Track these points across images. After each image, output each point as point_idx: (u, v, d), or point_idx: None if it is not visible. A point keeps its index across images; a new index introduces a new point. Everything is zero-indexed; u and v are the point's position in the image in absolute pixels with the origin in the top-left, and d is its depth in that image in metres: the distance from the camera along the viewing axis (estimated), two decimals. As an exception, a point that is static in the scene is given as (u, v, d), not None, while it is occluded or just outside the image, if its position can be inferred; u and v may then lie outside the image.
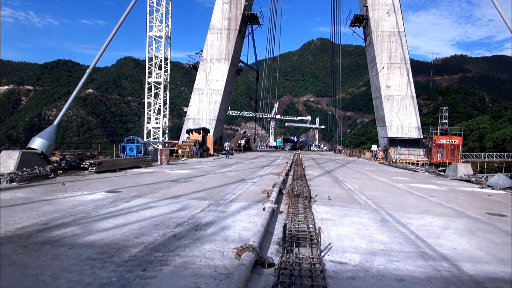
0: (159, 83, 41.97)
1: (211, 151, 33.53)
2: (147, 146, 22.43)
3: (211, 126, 38.88)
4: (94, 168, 13.81)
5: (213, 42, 40.13)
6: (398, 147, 39.07)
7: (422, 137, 39.90)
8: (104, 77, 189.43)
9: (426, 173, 22.58)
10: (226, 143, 30.82)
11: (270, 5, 62.55)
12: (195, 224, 5.96)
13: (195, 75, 42.29)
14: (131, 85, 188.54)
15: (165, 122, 43.49)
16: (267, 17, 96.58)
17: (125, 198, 8.32)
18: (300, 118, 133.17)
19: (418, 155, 39.33)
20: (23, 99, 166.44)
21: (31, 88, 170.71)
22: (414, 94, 39.52)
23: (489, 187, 14.78)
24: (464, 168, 19.77)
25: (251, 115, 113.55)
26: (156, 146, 34.19)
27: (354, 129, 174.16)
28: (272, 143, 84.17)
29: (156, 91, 42.26)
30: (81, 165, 14.76)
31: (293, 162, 21.62)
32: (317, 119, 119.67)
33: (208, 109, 39.89)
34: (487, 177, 17.23)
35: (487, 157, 54.62)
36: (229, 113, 75.76)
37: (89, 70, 17.29)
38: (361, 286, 3.57)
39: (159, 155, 20.45)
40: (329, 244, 4.95)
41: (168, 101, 43.32)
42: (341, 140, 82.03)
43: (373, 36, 40.04)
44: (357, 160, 34.89)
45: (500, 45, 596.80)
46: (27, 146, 14.44)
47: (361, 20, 42.73)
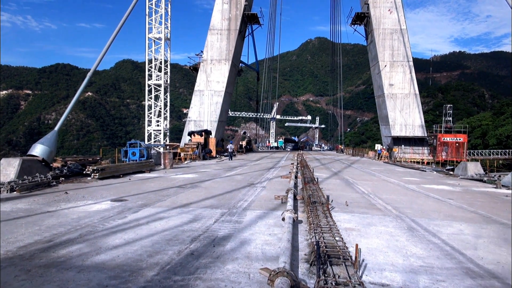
0: (159, 85, 41.48)
1: (213, 153, 33.08)
2: (149, 150, 21.92)
3: (212, 127, 38.39)
4: (97, 174, 13.36)
5: (213, 43, 39.64)
6: (402, 146, 38.63)
7: (426, 135, 39.46)
8: (103, 80, 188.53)
9: (434, 172, 22.13)
10: (230, 145, 30.32)
11: (270, 5, 62.05)
12: (211, 238, 5.52)
13: (194, 77, 41.76)
14: (130, 88, 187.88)
15: (166, 125, 43.01)
16: (266, 17, 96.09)
17: (133, 208, 7.88)
18: (300, 118, 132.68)
19: (423, 153, 38.87)
20: (22, 103, 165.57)
21: (30, 92, 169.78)
22: (417, 92, 39.07)
23: (503, 186, 14.36)
24: (474, 167, 19.35)
25: (250, 115, 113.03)
26: (158, 149, 33.69)
27: (354, 127, 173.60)
28: (273, 143, 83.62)
29: (156, 93, 41.77)
30: (83, 171, 14.30)
31: (298, 164, 21.18)
32: (317, 118, 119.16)
33: (210, 110, 39.40)
34: (500, 176, 16.82)
35: (491, 154, 54.13)
36: (229, 114, 75.20)
37: (89, 74, 16.83)
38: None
39: (162, 159, 19.97)
40: (362, 261, 4.51)
41: (168, 103, 42.83)
42: (343, 139, 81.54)
43: (375, 34, 39.60)
44: (361, 160, 34.41)
45: (498, 41, 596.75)
46: (28, 153, 13.98)
47: (362, 18, 42.30)
